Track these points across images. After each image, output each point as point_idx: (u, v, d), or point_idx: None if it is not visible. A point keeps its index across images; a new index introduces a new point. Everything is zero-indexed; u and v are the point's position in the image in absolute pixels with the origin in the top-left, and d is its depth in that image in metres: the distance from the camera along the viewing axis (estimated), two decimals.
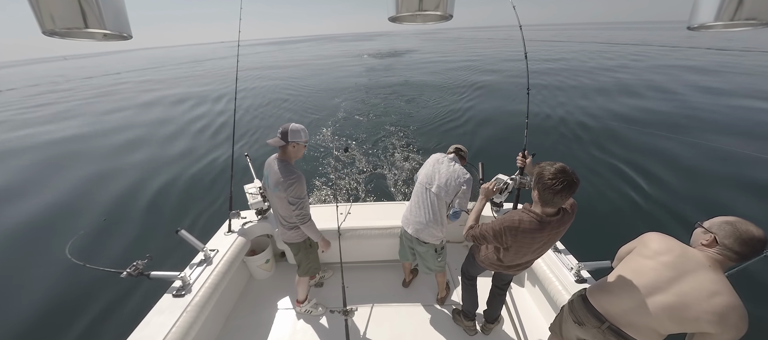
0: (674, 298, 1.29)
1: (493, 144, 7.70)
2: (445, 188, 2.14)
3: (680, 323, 1.29)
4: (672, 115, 9.17)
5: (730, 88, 12.18)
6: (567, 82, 14.34)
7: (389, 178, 6.34)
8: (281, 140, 1.95)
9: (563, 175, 1.44)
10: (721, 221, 1.28)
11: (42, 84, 30.04)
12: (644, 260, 1.42)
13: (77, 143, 9.74)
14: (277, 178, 1.97)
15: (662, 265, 1.35)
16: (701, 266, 1.27)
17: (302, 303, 2.57)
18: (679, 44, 32.76)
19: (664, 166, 6.11)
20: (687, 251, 1.33)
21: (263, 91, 16.49)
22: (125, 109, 14.48)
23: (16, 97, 21.83)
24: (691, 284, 1.26)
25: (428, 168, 2.25)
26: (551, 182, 1.45)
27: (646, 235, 1.50)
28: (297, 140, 1.97)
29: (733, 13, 0.76)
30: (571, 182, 1.44)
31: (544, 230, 1.59)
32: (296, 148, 2.01)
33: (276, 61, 36.32)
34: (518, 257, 1.79)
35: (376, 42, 78.06)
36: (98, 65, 57.60)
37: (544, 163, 1.53)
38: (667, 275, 1.32)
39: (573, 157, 6.78)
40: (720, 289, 1.21)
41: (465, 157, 2.35)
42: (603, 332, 1.50)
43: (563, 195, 1.46)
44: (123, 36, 0.82)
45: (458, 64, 23.32)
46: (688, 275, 1.28)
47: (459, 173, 2.14)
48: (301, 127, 1.99)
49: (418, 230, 2.26)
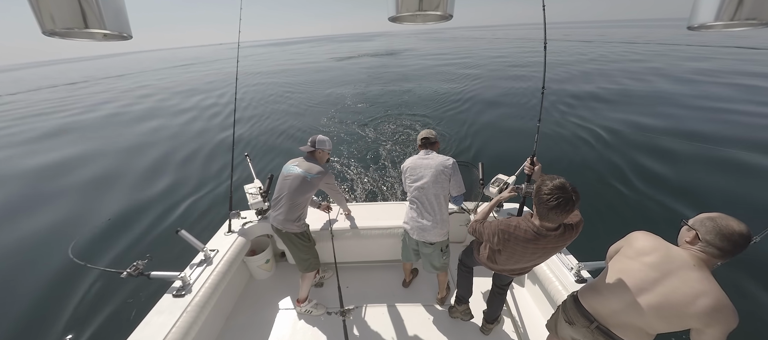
0: (660, 298, 1.29)
1: (494, 145, 7.69)
2: (439, 184, 2.18)
3: (668, 323, 1.30)
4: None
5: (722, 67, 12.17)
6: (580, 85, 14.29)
7: (386, 178, 6.34)
8: (311, 147, 2.42)
9: (560, 191, 1.41)
10: (703, 218, 1.29)
11: (43, 87, 30.03)
12: (629, 260, 1.43)
13: (77, 144, 9.75)
14: (317, 169, 2.35)
15: (647, 265, 1.35)
16: (685, 265, 1.27)
17: (302, 303, 2.58)
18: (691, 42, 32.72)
19: (663, 164, 6.11)
20: (671, 251, 1.34)
21: (263, 91, 16.49)
22: (127, 112, 14.49)
23: (20, 100, 21.84)
24: (675, 284, 1.26)
25: (414, 173, 2.26)
26: (546, 197, 1.43)
27: (632, 234, 1.50)
28: (322, 148, 2.43)
29: (733, 13, 0.76)
30: (567, 200, 1.40)
31: (538, 241, 1.58)
32: (322, 154, 2.46)
33: (275, 61, 36.34)
34: (511, 262, 1.79)
35: (375, 42, 78.14)
36: (92, 68, 57.68)
37: (546, 176, 1.50)
38: (652, 275, 1.33)
39: (573, 155, 6.78)
40: (705, 288, 1.21)
41: (436, 141, 2.36)
42: (592, 332, 1.52)
43: (558, 212, 1.43)
44: (123, 36, 0.82)
45: (458, 64, 23.31)
46: (673, 274, 1.28)
47: (442, 163, 2.19)
48: (326, 138, 2.46)
49: (424, 234, 2.28)
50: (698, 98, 10.55)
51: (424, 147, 2.33)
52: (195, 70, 31.78)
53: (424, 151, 2.31)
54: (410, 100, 12.63)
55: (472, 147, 7.61)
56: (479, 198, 2.82)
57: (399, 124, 9.53)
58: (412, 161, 2.30)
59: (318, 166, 2.36)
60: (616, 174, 5.95)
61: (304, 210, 2.42)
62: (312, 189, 2.35)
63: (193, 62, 43.00)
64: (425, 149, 2.32)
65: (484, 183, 2.68)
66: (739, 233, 1.20)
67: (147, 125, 11.39)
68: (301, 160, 2.40)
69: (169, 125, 11.18)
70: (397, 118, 10.22)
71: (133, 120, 12.33)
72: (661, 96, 11.19)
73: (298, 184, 2.29)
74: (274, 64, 32.83)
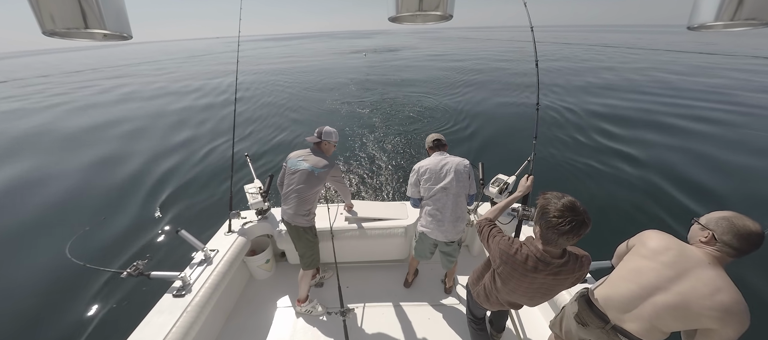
0: (676, 297, 1.29)
1: (494, 145, 7.70)
2: (461, 183, 2.22)
3: (683, 322, 1.29)
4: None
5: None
6: (572, 81, 14.31)
7: (385, 178, 6.34)
8: (317, 138, 2.42)
9: (572, 213, 1.22)
10: (718, 217, 1.29)
11: (29, 77, 29.83)
12: (643, 259, 1.42)
13: (75, 144, 9.73)
14: (324, 163, 2.37)
15: (662, 264, 1.34)
16: (701, 264, 1.27)
17: (303, 303, 2.58)
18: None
19: (665, 162, 6.12)
20: (685, 249, 1.34)
21: (263, 90, 16.46)
22: (127, 112, 14.44)
23: (8, 89, 21.73)
24: (692, 283, 1.26)
25: (434, 174, 2.26)
26: (557, 221, 1.23)
27: (644, 233, 1.49)
28: (328, 140, 2.43)
29: (733, 13, 0.76)
30: (581, 223, 1.22)
31: (537, 271, 1.40)
32: (328, 146, 2.45)
33: (274, 59, 36.26)
34: (506, 290, 1.59)
35: (374, 39, 78.02)
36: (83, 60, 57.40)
37: (549, 194, 1.32)
38: (668, 274, 1.32)
39: (574, 151, 6.78)
40: (721, 286, 1.21)
41: (446, 143, 2.42)
42: (607, 333, 1.50)
43: (570, 237, 1.25)
44: (123, 36, 0.82)
45: (458, 63, 23.30)
46: (689, 273, 1.28)
47: (462, 163, 2.25)
48: (333, 130, 2.45)
49: (448, 234, 2.31)
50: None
51: (436, 149, 2.34)
52: (192, 66, 31.69)
53: (439, 152, 2.31)
54: (410, 100, 12.64)
55: (472, 148, 7.62)
56: (479, 198, 2.82)
57: (399, 124, 9.54)
58: (431, 163, 2.29)
59: (324, 159, 2.37)
60: (616, 169, 5.96)
61: (314, 204, 2.44)
62: (320, 183, 2.36)
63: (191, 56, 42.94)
64: (439, 151, 2.33)
65: (484, 183, 2.68)
66: (755, 233, 1.20)
67: (147, 126, 11.37)
68: (308, 154, 2.40)
69: (169, 125, 11.16)
70: (397, 118, 10.22)
71: (133, 120, 12.30)
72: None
73: (305, 178, 2.31)
74: (273, 60, 32.74)
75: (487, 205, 2.92)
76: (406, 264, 3.00)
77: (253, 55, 44.25)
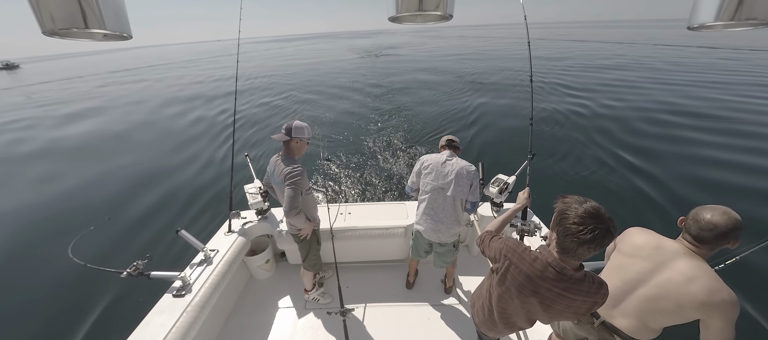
0: (655, 289, 1.32)
1: (494, 146, 7.68)
2: (459, 187, 2.16)
3: (667, 315, 1.31)
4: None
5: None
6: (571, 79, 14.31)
7: (384, 178, 6.34)
8: (285, 136, 2.06)
9: (594, 221, 1.05)
10: (695, 209, 1.32)
11: (35, 84, 29.98)
12: (626, 257, 1.46)
13: (76, 145, 9.74)
14: (283, 171, 2.03)
15: (642, 258, 1.39)
16: (676, 255, 1.30)
17: (310, 291, 2.64)
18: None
19: (665, 161, 6.11)
20: (663, 242, 1.37)
21: (263, 91, 16.46)
22: (127, 111, 14.46)
23: (19, 96, 21.81)
24: (669, 274, 1.29)
25: (435, 170, 2.24)
26: (578, 228, 1.06)
27: (627, 231, 1.53)
28: (300, 137, 2.08)
29: (733, 13, 0.76)
30: (605, 232, 1.05)
31: (545, 277, 1.18)
32: (299, 144, 2.12)
33: (275, 60, 36.27)
34: (501, 303, 1.40)
35: (374, 39, 77.96)
36: (86, 65, 57.55)
37: (569, 198, 1.14)
38: (647, 267, 1.36)
39: (574, 147, 6.78)
40: (696, 274, 1.22)
41: (459, 147, 2.38)
42: (597, 329, 1.54)
43: (591, 247, 1.07)
44: (123, 36, 0.82)
45: (458, 63, 23.28)
46: (666, 264, 1.31)
47: (466, 168, 2.18)
48: (304, 124, 2.11)
49: (440, 235, 2.29)
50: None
51: (447, 148, 2.32)
52: (192, 69, 31.71)
53: (449, 152, 2.28)
54: (409, 100, 12.62)
55: (472, 148, 7.61)
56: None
57: (399, 124, 9.52)
58: (436, 159, 2.26)
59: (289, 164, 2.03)
60: (614, 168, 5.96)
61: (302, 212, 2.25)
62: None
63: (194, 59, 42.93)
64: (449, 151, 2.29)
65: (484, 183, 2.68)
66: (707, 221, 1.22)
67: (147, 125, 11.38)
68: (276, 161, 2.14)
69: (169, 125, 11.17)
70: (396, 117, 10.21)
71: (132, 119, 12.31)
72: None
73: (280, 193, 2.18)
74: (273, 61, 32.76)
75: (487, 205, 2.92)
76: (406, 264, 3.01)
77: (253, 56, 44.18)
